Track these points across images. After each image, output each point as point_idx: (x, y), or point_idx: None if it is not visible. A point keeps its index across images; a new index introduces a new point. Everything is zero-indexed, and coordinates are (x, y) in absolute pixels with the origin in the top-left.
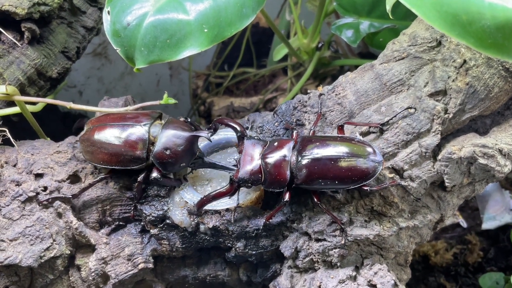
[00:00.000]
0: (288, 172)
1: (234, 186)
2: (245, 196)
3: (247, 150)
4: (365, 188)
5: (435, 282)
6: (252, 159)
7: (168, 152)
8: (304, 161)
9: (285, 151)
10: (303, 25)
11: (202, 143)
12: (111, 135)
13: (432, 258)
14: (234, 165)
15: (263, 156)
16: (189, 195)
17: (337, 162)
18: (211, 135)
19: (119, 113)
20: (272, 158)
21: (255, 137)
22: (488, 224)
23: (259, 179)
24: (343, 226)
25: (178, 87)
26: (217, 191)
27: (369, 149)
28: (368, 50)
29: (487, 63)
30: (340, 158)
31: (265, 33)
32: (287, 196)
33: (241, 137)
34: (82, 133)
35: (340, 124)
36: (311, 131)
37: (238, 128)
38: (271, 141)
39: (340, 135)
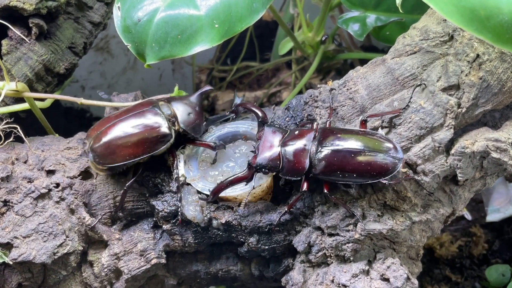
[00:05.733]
0: (307, 161)
1: (251, 172)
2: (258, 180)
3: (266, 137)
4: (384, 181)
5: (440, 274)
6: (272, 145)
7: (192, 115)
8: (324, 152)
9: (306, 140)
10: (308, 18)
11: (212, 136)
12: (128, 127)
13: (437, 251)
14: (252, 151)
15: (283, 143)
16: (201, 184)
17: (357, 155)
18: (232, 119)
19: (120, 111)
20: (292, 146)
21: (276, 125)
22: (492, 216)
23: (277, 165)
24: (355, 214)
25: (181, 81)
26: (235, 176)
27: (390, 145)
28: (371, 43)
29: (500, 58)
30: (361, 152)
31: (268, 27)
32: (305, 186)
33: (262, 123)
34: (89, 144)
35: (363, 119)
36: (327, 122)
37: (260, 114)
38: (292, 130)
39: (362, 129)
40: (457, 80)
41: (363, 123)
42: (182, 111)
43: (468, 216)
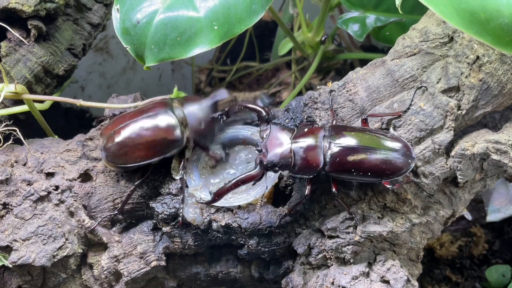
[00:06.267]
0: (321, 158)
1: (262, 170)
2: (261, 189)
3: (274, 134)
4: (388, 186)
5: (440, 274)
6: (281, 143)
7: (202, 124)
8: (338, 149)
9: (318, 137)
10: (307, 18)
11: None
12: (141, 129)
13: (437, 251)
14: (258, 150)
15: (294, 140)
16: (204, 194)
17: (372, 153)
18: (224, 120)
19: (134, 111)
20: (305, 143)
21: (281, 123)
22: (492, 216)
23: (289, 163)
24: (353, 217)
25: (181, 81)
26: (246, 174)
27: (404, 145)
28: (371, 43)
29: (500, 59)
30: (376, 150)
31: (268, 27)
32: (307, 191)
33: (267, 120)
34: (102, 143)
35: (363, 118)
36: (333, 122)
37: (263, 112)
38: (300, 127)
39: (374, 128)
40: (457, 82)
41: (364, 122)
42: (193, 118)
43: (468, 216)
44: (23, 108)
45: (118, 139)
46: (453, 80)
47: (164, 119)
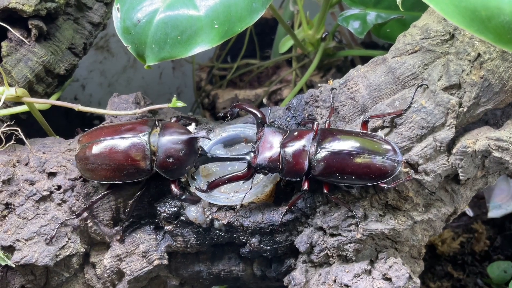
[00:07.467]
0: (306, 162)
1: (250, 172)
2: (263, 189)
3: (266, 137)
4: (383, 185)
5: (442, 271)
6: (272, 146)
7: (171, 160)
8: (323, 153)
9: (305, 142)
10: (308, 16)
11: (212, 141)
12: (111, 150)
13: (439, 247)
14: (251, 151)
15: (283, 144)
16: (205, 193)
17: (356, 157)
18: (230, 119)
19: (113, 126)
20: (292, 147)
21: (275, 126)
22: (494, 212)
23: (277, 166)
24: (354, 215)
25: (181, 79)
26: (233, 174)
27: (390, 148)
28: (371, 39)
29: (501, 57)
30: (360, 154)
31: (268, 24)
32: (306, 186)
33: (261, 124)
34: (76, 151)
35: (365, 119)
36: (327, 122)
37: (259, 115)
38: (291, 131)
39: (362, 131)
40: (458, 79)
41: (365, 124)
42: (164, 151)
43: (470, 213)
44: (24, 108)
45: (89, 153)
46: (454, 77)
47: (137, 145)
